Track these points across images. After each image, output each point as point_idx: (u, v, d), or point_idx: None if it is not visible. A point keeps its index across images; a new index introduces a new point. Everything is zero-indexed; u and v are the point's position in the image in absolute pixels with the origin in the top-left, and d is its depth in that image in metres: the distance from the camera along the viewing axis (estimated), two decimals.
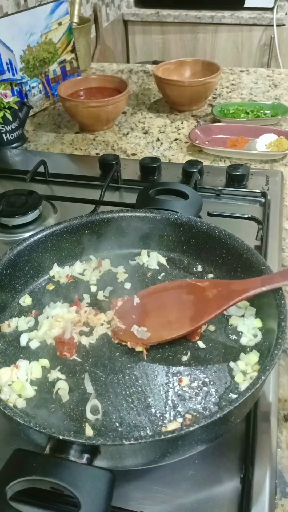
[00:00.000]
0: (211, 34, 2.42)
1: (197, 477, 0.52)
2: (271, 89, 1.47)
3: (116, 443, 0.43)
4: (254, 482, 0.51)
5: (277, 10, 2.29)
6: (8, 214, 0.90)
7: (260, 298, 0.61)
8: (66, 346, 0.60)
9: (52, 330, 0.62)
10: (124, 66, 1.73)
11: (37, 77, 1.36)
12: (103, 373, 0.58)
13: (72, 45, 1.44)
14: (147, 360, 0.60)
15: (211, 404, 0.54)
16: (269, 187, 0.98)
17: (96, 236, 0.75)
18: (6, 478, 0.42)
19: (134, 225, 0.74)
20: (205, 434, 0.46)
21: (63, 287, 0.71)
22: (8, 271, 0.66)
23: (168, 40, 2.49)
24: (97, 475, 0.42)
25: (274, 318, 0.56)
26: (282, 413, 0.59)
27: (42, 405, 0.55)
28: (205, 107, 1.37)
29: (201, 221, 0.71)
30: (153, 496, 0.51)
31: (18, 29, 1.26)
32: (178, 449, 0.47)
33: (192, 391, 0.55)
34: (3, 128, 1.18)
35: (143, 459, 0.47)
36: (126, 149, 1.18)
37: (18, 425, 0.46)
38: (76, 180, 1.04)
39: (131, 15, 2.45)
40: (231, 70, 1.62)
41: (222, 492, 0.51)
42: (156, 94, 1.46)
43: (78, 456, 0.43)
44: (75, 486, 0.41)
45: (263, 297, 0.60)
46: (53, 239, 0.71)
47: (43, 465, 0.42)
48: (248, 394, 0.46)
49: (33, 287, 0.71)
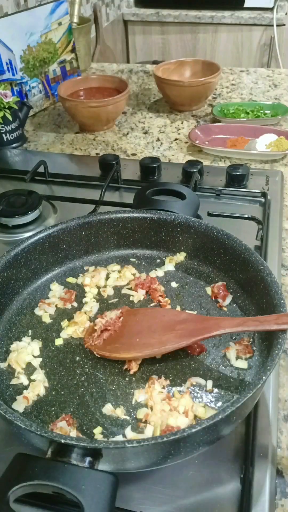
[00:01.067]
0: (211, 34, 2.42)
1: (197, 477, 0.52)
2: (271, 89, 1.47)
3: (118, 446, 0.43)
4: (254, 482, 0.51)
5: (277, 10, 2.29)
6: (8, 214, 0.90)
7: (260, 297, 0.61)
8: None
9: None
10: (124, 66, 1.73)
11: (37, 77, 1.36)
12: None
13: (72, 45, 1.43)
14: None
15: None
16: (269, 187, 0.98)
17: (93, 237, 0.75)
18: (8, 483, 0.41)
19: (131, 226, 0.74)
20: (207, 435, 0.46)
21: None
22: (5, 274, 0.66)
23: (168, 40, 2.49)
24: (100, 479, 0.42)
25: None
26: (282, 413, 0.59)
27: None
28: (205, 107, 1.37)
29: (199, 221, 0.71)
30: (153, 496, 0.51)
31: (18, 29, 1.26)
32: (180, 451, 0.46)
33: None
34: (3, 128, 1.18)
35: (145, 461, 0.47)
36: (126, 149, 1.18)
37: (18, 429, 0.46)
38: (76, 180, 1.04)
39: (131, 15, 2.45)
40: (231, 70, 1.62)
41: (222, 492, 0.51)
42: (156, 94, 1.46)
43: (80, 459, 0.43)
44: (77, 490, 0.40)
45: (262, 297, 0.60)
46: (50, 240, 0.71)
47: (45, 469, 0.42)
48: (249, 395, 0.46)
49: (31, 289, 0.71)
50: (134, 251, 0.76)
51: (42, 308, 0.68)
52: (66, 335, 0.64)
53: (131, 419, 0.54)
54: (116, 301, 0.70)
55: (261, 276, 0.61)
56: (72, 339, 0.64)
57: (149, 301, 0.69)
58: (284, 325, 0.52)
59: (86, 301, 0.69)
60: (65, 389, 0.58)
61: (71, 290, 0.71)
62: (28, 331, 0.66)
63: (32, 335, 0.65)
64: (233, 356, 0.60)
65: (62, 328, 0.65)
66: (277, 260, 0.80)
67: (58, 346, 0.63)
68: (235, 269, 0.67)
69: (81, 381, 0.58)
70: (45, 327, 0.66)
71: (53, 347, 0.63)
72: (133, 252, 0.77)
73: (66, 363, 0.61)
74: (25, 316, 0.67)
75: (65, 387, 0.58)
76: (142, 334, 0.61)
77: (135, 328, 0.63)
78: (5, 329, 0.65)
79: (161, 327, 0.61)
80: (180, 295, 0.70)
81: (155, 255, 0.76)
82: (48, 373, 0.60)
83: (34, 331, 0.66)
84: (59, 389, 0.58)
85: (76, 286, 0.72)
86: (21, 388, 0.58)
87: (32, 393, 0.57)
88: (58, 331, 0.65)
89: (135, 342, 0.60)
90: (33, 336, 0.65)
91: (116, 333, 0.62)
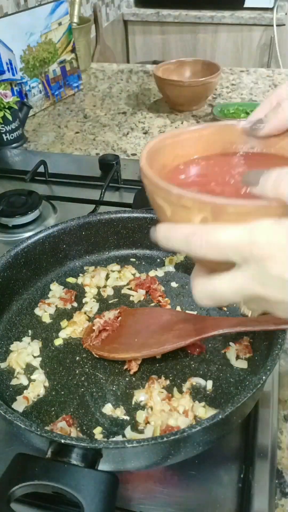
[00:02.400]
0: (211, 34, 2.42)
1: (197, 477, 0.52)
2: (271, 89, 1.47)
3: (118, 446, 0.43)
4: (254, 482, 0.51)
5: (277, 10, 2.29)
6: (8, 214, 0.90)
7: None
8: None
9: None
10: (124, 66, 1.73)
11: (37, 77, 1.36)
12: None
13: (72, 45, 1.44)
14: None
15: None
16: None
17: (93, 237, 0.75)
18: (8, 483, 0.41)
19: (131, 225, 0.74)
20: (207, 435, 0.46)
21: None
22: (5, 274, 0.66)
23: (168, 40, 2.49)
24: (100, 479, 0.42)
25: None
26: (282, 413, 0.59)
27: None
28: (205, 107, 1.37)
29: None
30: (153, 496, 0.51)
31: (18, 29, 1.26)
32: (180, 451, 0.47)
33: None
34: (3, 128, 1.18)
35: (145, 461, 0.47)
36: (126, 149, 1.18)
37: (18, 429, 0.46)
38: (76, 180, 1.04)
39: (131, 15, 2.45)
40: (231, 70, 1.62)
41: (222, 492, 0.51)
42: (156, 94, 1.46)
43: (80, 459, 0.43)
44: (77, 490, 0.40)
45: None
46: (50, 240, 0.71)
47: (45, 469, 0.42)
48: (250, 395, 0.46)
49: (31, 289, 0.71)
50: (134, 251, 0.76)
51: (42, 308, 0.68)
52: (65, 335, 0.64)
53: (131, 419, 0.54)
54: (116, 301, 0.70)
55: None
56: (72, 339, 0.64)
57: (149, 301, 0.69)
58: (282, 325, 0.52)
59: (86, 301, 0.69)
60: (65, 389, 0.58)
61: (71, 290, 0.71)
62: (28, 331, 0.66)
63: (32, 335, 0.65)
64: (233, 356, 0.59)
65: (61, 328, 0.66)
66: None
67: (58, 346, 0.63)
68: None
69: (81, 381, 0.58)
70: (45, 327, 0.66)
71: (53, 347, 0.63)
72: (133, 252, 0.77)
73: (66, 363, 0.61)
74: (25, 316, 0.67)
75: (65, 387, 0.58)
76: (141, 334, 0.61)
77: (134, 328, 0.63)
78: (5, 329, 0.65)
79: (159, 327, 0.61)
80: (180, 295, 0.70)
81: (155, 255, 0.76)
82: (48, 373, 0.60)
83: (34, 331, 0.66)
84: (59, 389, 0.58)
85: (76, 286, 0.72)
86: (21, 388, 0.58)
87: (32, 393, 0.57)
88: (58, 331, 0.65)
89: (133, 342, 0.60)
90: (33, 336, 0.65)
91: (114, 333, 0.62)
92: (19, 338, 0.64)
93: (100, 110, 1.40)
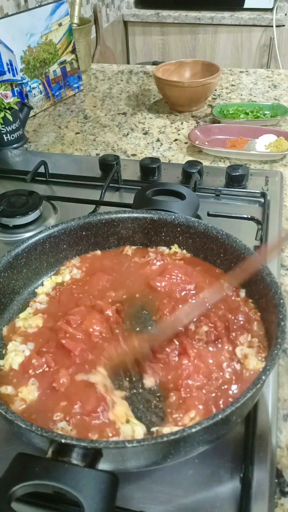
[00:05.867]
0: (211, 35, 2.42)
1: (197, 476, 0.52)
2: (271, 90, 1.47)
3: (119, 446, 0.43)
4: (254, 482, 0.51)
5: (276, 10, 2.29)
6: (8, 215, 0.90)
7: (260, 297, 0.61)
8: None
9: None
10: (124, 67, 1.73)
11: (37, 77, 1.36)
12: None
13: (72, 46, 1.44)
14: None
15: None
16: (269, 188, 0.98)
17: (93, 237, 0.75)
18: (9, 483, 0.41)
19: (131, 225, 0.74)
20: (206, 435, 0.46)
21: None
22: (6, 274, 0.66)
23: (168, 41, 2.50)
24: (100, 478, 0.42)
25: (273, 318, 0.56)
26: (282, 413, 0.59)
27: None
28: (204, 108, 1.37)
29: (198, 221, 0.71)
30: (154, 496, 0.51)
31: (18, 29, 1.26)
32: (180, 451, 0.47)
33: None
34: (4, 129, 1.19)
35: (145, 461, 0.47)
36: (126, 149, 1.18)
37: (19, 429, 0.46)
38: (77, 181, 1.04)
39: (131, 16, 2.45)
40: (231, 71, 1.62)
41: (222, 492, 0.51)
42: (156, 94, 1.47)
43: (80, 459, 0.43)
44: (78, 490, 0.40)
45: (262, 297, 0.60)
46: (50, 241, 0.71)
47: (46, 469, 0.42)
48: (249, 394, 0.46)
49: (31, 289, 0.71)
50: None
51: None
52: None
53: None
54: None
55: (261, 276, 0.61)
56: None
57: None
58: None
59: None
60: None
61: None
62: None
63: None
64: (238, 355, 0.59)
65: None
66: (276, 260, 0.81)
67: None
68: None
69: None
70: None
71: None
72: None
73: None
74: None
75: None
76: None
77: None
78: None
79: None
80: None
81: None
82: None
83: None
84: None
85: None
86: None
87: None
88: None
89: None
90: None
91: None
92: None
93: (100, 110, 1.40)
